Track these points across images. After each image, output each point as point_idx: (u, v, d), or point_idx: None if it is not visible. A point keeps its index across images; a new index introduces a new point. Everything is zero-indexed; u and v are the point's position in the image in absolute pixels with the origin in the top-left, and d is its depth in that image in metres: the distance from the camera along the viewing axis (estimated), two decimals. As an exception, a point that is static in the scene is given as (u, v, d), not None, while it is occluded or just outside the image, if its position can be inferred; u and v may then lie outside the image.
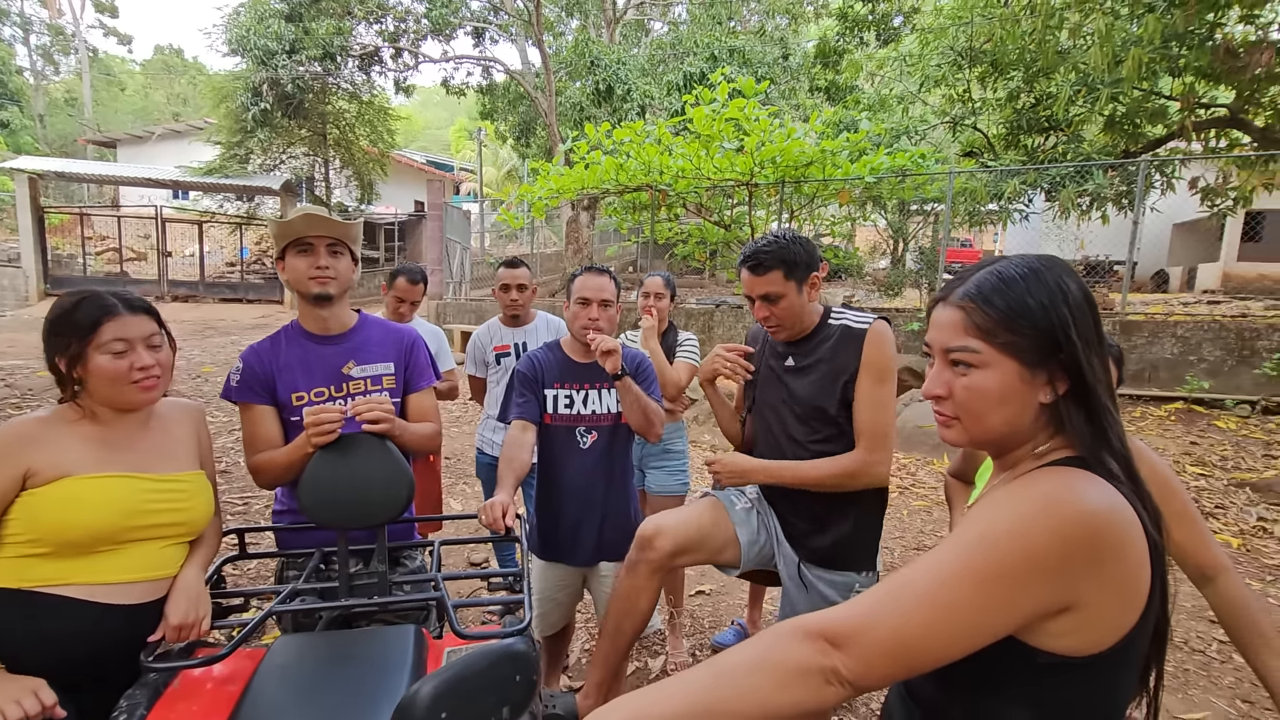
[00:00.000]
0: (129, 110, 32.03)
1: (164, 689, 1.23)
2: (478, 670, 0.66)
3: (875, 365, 1.64)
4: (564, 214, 14.41)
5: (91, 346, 1.30)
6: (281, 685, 1.23)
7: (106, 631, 1.29)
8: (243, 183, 15.02)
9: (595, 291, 2.03)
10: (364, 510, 1.51)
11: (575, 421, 2.07)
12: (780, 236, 1.66)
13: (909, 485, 5.06)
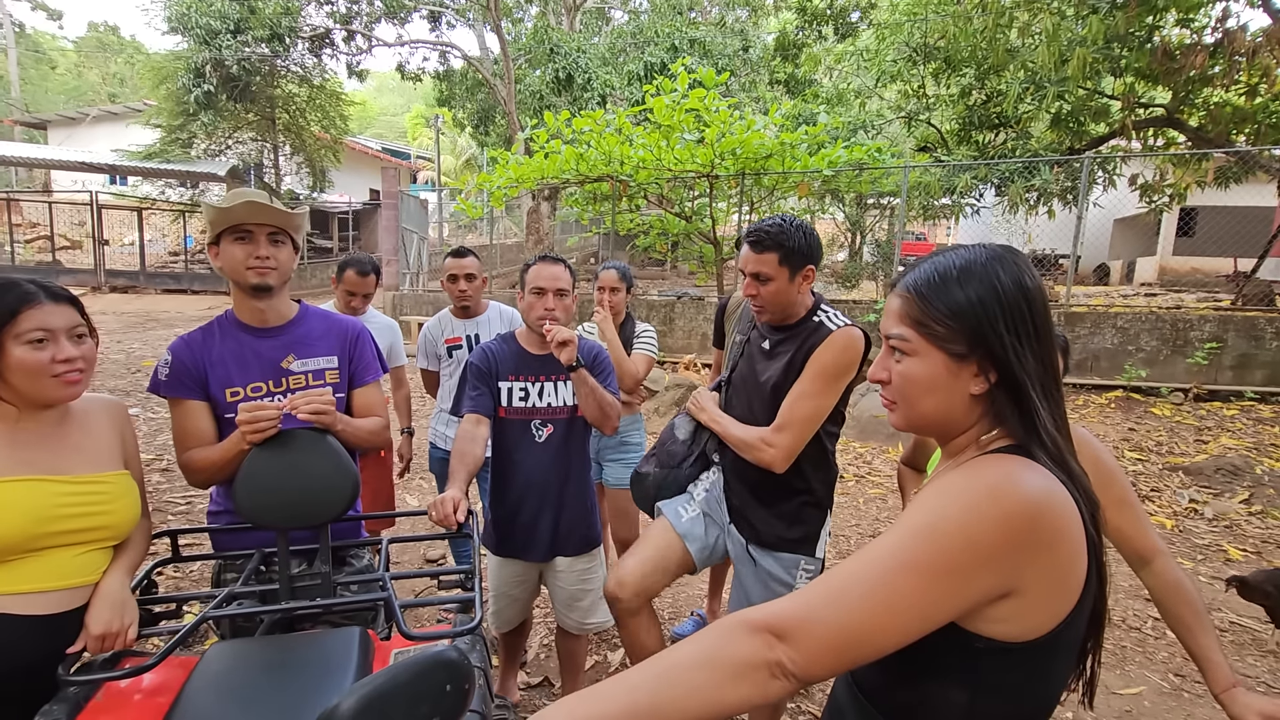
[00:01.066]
0: (60, 90, 30.32)
1: (85, 703, 1.16)
2: (405, 680, 0.63)
3: (819, 363, 1.66)
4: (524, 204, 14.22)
5: (9, 336, 1.21)
6: (215, 694, 1.16)
7: (19, 644, 1.20)
8: (186, 168, 14.36)
9: (550, 281, 1.98)
10: (305, 509, 1.45)
11: (531, 415, 2.03)
12: (786, 221, 1.69)
13: (865, 474, 5.15)
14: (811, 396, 1.66)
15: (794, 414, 1.66)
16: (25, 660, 1.20)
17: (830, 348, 1.65)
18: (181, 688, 1.18)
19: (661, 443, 2.00)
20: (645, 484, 1.99)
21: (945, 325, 0.78)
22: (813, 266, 1.71)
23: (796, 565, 1.79)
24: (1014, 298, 0.77)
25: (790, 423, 1.66)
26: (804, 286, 1.72)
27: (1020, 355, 0.76)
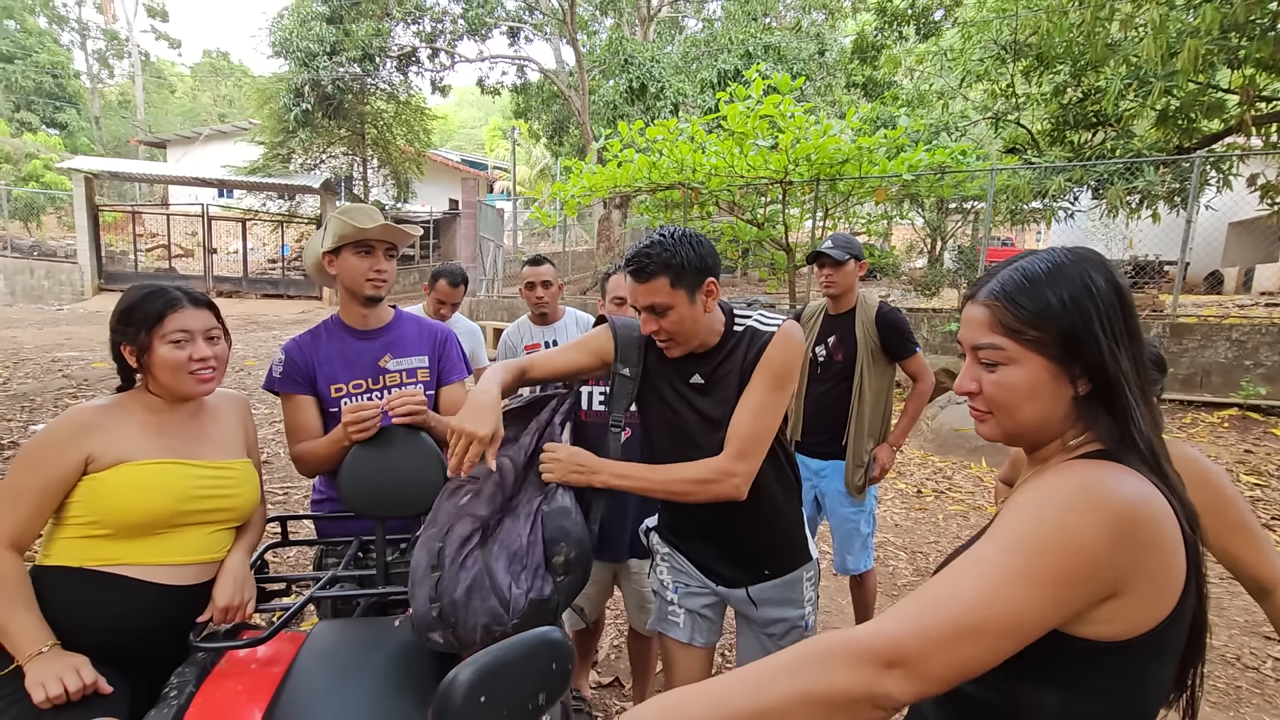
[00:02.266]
0: (178, 112, 33.16)
1: (211, 668, 1.27)
2: (515, 656, 0.67)
3: (772, 367, 1.42)
4: (596, 212, 14.48)
5: (156, 336, 1.36)
6: (322, 669, 1.26)
7: (159, 611, 1.34)
8: (284, 181, 15.42)
9: (631, 291, 2.03)
10: (400, 500, 1.54)
11: (608, 417, 2.08)
12: (667, 235, 1.39)
13: (945, 489, 4.95)
14: (769, 408, 1.42)
15: (754, 430, 1.40)
16: (164, 624, 1.33)
17: (780, 347, 1.43)
18: (292, 660, 1.28)
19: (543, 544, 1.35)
20: (550, 606, 1.30)
21: (1042, 329, 0.77)
22: (713, 279, 1.43)
23: (799, 580, 1.58)
24: (1109, 298, 0.76)
25: (753, 441, 1.40)
26: (709, 304, 1.44)
27: (1116, 356, 0.76)
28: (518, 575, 1.25)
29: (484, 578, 1.24)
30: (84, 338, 9.74)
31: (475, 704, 0.63)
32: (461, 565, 1.25)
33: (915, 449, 5.79)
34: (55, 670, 1.18)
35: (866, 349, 2.47)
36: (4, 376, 6.79)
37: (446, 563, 1.25)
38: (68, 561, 1.30)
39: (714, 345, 1.50)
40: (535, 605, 1.23)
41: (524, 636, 0.69)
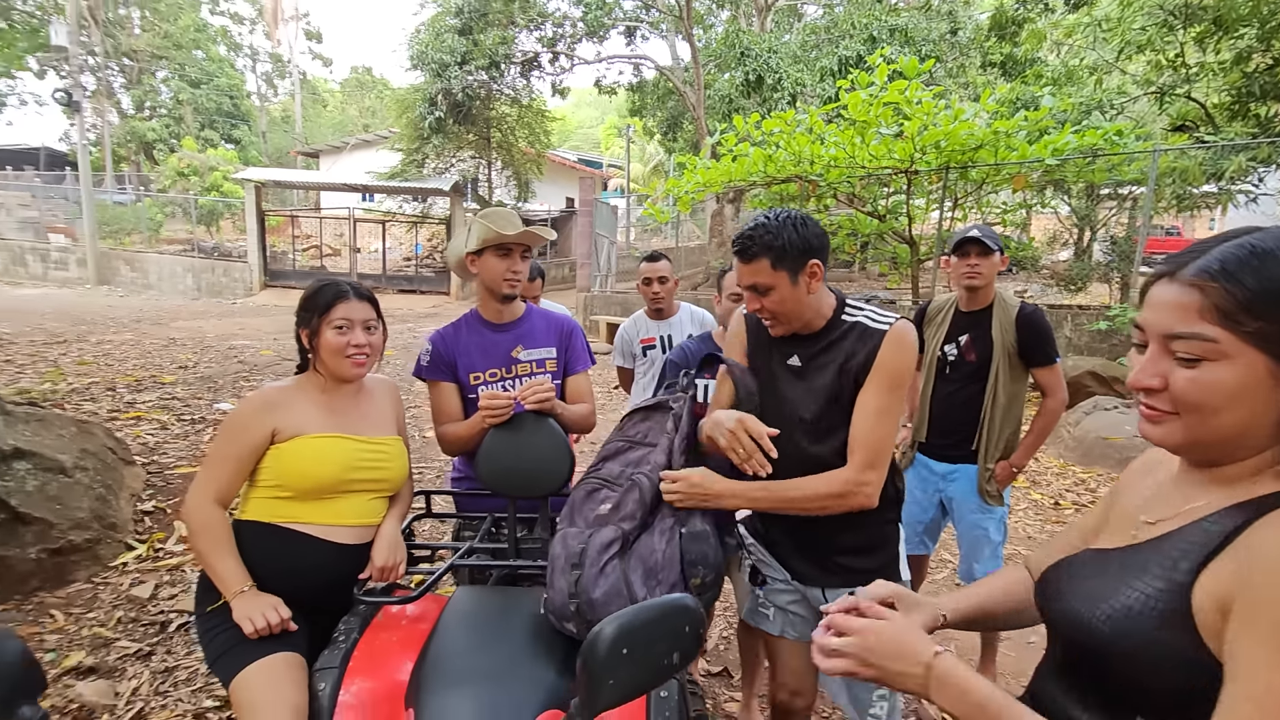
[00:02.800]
0: (329, 124, 36.62)
1: (370, 620, 1.43)
2: (653, 617, 0.73)
3: (888, 370, 1.40)
4: (708, 207, 14.44)
5: (324, 322, 1.55)
6: (464, 628, 1.38)
7: (327, 564, 1.52)
8: (418, 185, 16.62)
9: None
10: (532, 481, 1.65)
11: None
12: (772, 218, 1.42)
13: (1087, 502, 4.53)
14: (889, 411, 1.40)
15: (879, 436, 1.39)
16: (331, 576, 1.52)
17: (895, 349, 1.40)
18: (437, 619, 1.41)
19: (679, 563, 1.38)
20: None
21: (1272, 319, 0.63)
22: (817, 261, 1.42)
23: None
24: None
25: (879, 449, 1.40)
26: (813, 285, 1.44)
27: None
28: (653, 589, 1.31)
29: (621, 586, 1.30)
30: (254, 328, 11.03)
31: (618, 655, 0.70)
32: (601, 571, 1.32)
33: (1053, 457, 5.34)
34: (259, 607, 1.39)
35: (1003, 350, 2.31)
36: (194, 360, 7.85)
37: (587, 564, 1.33)
38: (259, 517, 1.51)
39: (818, 330, 1.49)
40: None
41: (660, 600, 0.75)
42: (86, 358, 7.57)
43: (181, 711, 2.28)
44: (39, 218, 18.77)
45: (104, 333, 9.54)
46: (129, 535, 3.35)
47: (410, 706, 1.19)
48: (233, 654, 1.37)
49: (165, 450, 4.59)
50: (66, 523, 2.96)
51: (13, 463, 2.92)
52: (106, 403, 5.65)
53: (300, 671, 1.38)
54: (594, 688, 0.71)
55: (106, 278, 17.13)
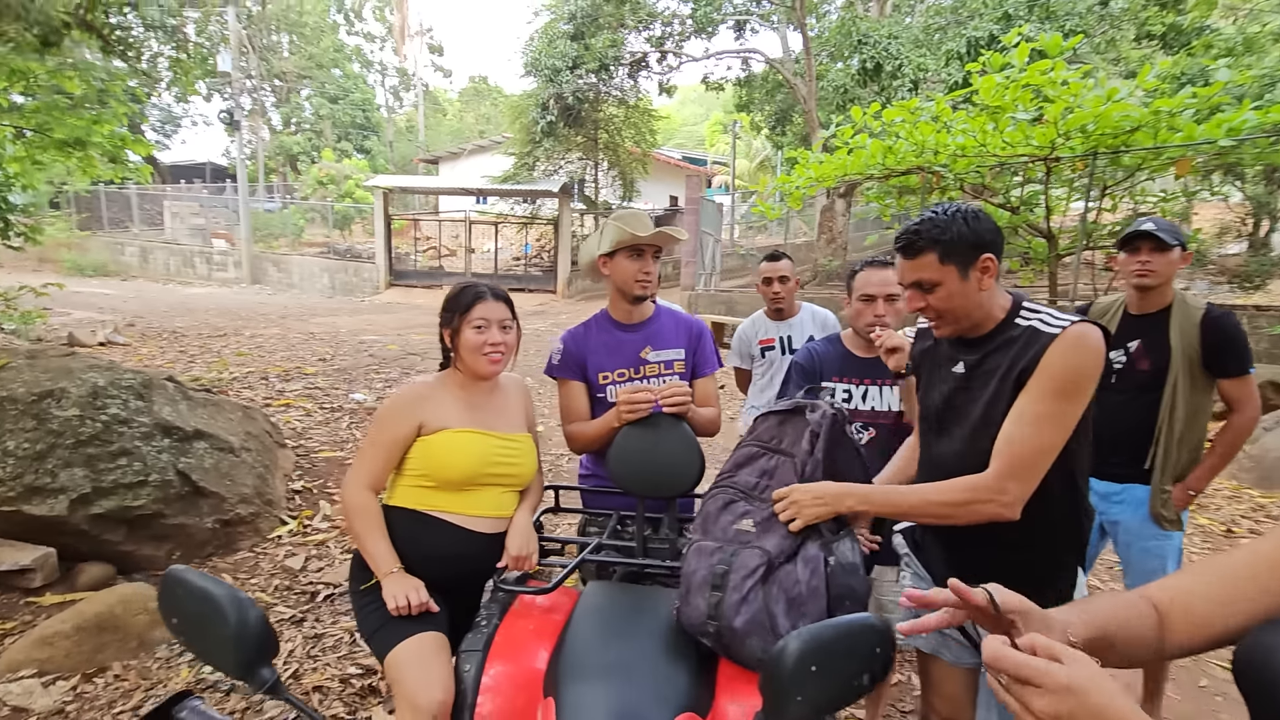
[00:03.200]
0: (448, 132, 38.77)
1: (508, 608, 1.48)
2: (843, 635, 0.70)
3: (1052, 372, 1.25)
4: (818, 203, 13.98)
5: (465, 322, 1.62)
6: (598, 623, 1.39)
7: (467, 551, 1.60)
8: (529, 187, 17.25)
9: (880, 286, 1.94)
10: (663, 481, 1.65)
11: (853, 418, 2.01)
12: (940, 211, 1.34)
13: (1265, 532, 3.97)
14: (1049, 420, 1.25)
15: (1030, 445, 1.25)
16: (468, 563, 1.60)
17: (1067, 351, 1.25)
18: (571, 611, 1.44)
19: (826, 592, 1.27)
20: None
21: None
22: (991, 256, 1.33)
23: None
24: None
25: (1027, 459, 1.25)
26: (985, 282, 1.34)
27: None
28: (796, 622, 1.24)
29: (763, 617, 1.24)
30: (380, 324, 11.88)
31: (805, 671, 0.67)
32: (744, 598, 1.26)
33: (1226, 479, 4.73)
34: (404, 588, 1.47)
35: (1183, 358, 2.04)
36: (330, 354, 8.55)
37: (729, 588, 1.28)
38: (406, 504, 1.61)
39: (987, 333, 1.38)
40: None
41: (851, 619, 0.71)
42: (243, 349, 8.45)
43: (330, 675, 2.47)
44: (205, 225, 21.17)
45: (256, 327, 10.61)
46: (283, 511, 3.69)
47: (550, 695, 1.22)
48: (386, 630, 1.46)
49: (310, 435, 5.02)
50: (235, 497, 3.30)
51: (194, 442, 3.29)
52: (261, 390, 6.27)
53: (446, 650, 1.46)
54: (780, 701, 0.70)
55: (258, 277, 19.07)
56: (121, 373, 3.23)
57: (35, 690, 2.23)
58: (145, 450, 3.03)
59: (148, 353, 8.00)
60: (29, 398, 2.84)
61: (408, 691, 1.35)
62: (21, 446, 2.75)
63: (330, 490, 4.08)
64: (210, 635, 0.81)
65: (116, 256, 19.86)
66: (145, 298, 14.37)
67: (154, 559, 3.03)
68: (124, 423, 3.02)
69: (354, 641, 2.66)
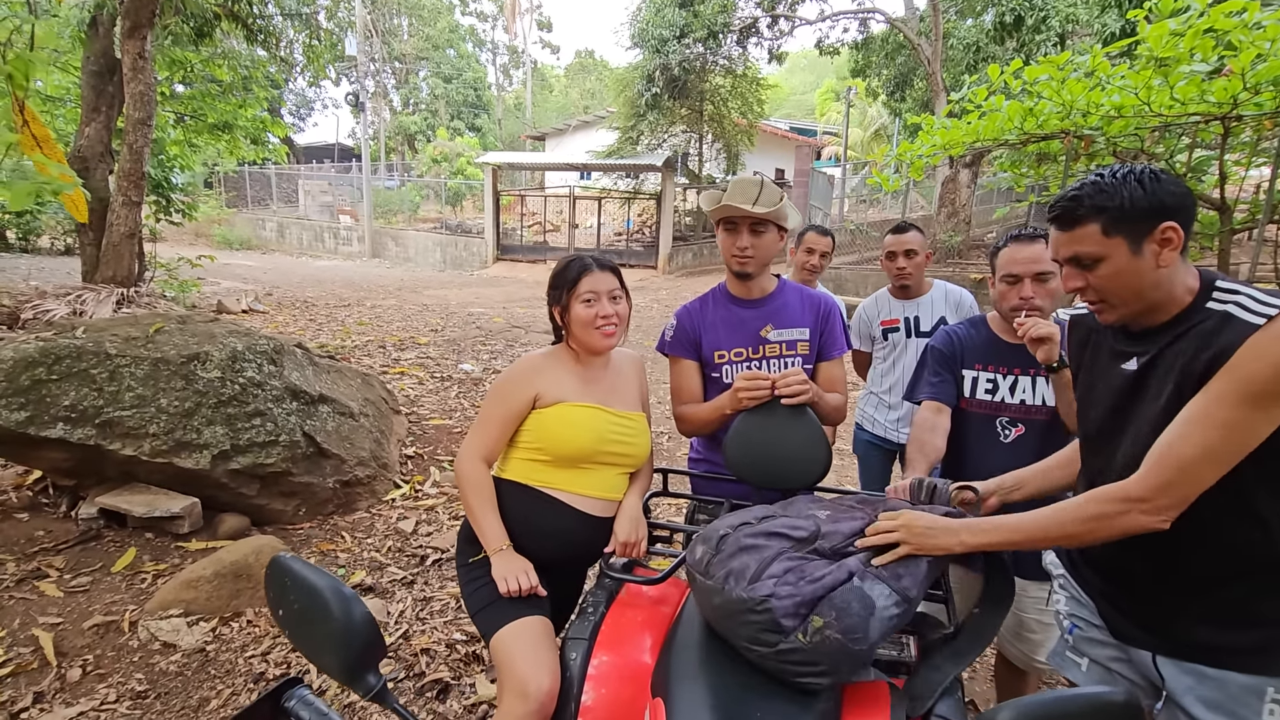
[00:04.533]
0: (554, 108, 39.40)
1: (615, 595, 1.41)
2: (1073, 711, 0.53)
3: (1244, 369, 0.99)
4: (939, 174, 13.00)
5: (573, 297, 1.54)
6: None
7: (576, 531, 1.55)
8: (632, 162, 17.17)
9: (1027, 264, 1.68)
10: (784, 472, 1.51)
11: (998, 411, 1.78)
12: (1108, 173, 1.11)
13: None
14: (1225, 425, 0.99)
15: (1186, 452, 1.02)
16: (577, 543, 1.55)
17: (1269, 342, 0.98)
18: (681, 605, 1.35)
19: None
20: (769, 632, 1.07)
21: None
22: (1174, 225, 1.07)
23: (1260, 695, 1.07)
24: None
25: (1180, 467, 1.03)
26: (1166, 257, 1.08)
27: None
28: (784, 584, 1.09)
29: (763, 555, 1.14)
30: (488, 298, 12.30)
31: None
32: (746, 548, 1.17)
33: None
34: (514, 569, 1.44)
35: None
36: (441, 325, 8.94)
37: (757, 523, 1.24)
38: (518, 478, 1.57)
39: (1167, 320, 1.13)
40: (761, 612, 1.06)
41: (1084, 694, 0.54)
42: (364, 319, 9.00)
43: (437, 639, 2.54)
44: (333, 202, 22.76)
45: (376, 299, 11.28)
46: (396, 475, 3.86)
47: (659, 695, 1.14)
48: (493, 610, 1.44)
49: (421, 403, 5.25)
50: (354, 459, 3.48)
51: (319, 406, 3.48)
52: (379, 358, 6.63)
53: (552, 636, 1.43)
54: None
55: (378, 251, 20.31)
56: (257, 338, 3.46)
57: (181, 629, 2.44)
58: (276, 412, 3.23)
59: (282, 320, 8.68)
60: (179, 359, 3.09)
61: (517, 677, 1.32)
62: (173, 404, 3.00)
63: (440, 457, 4.24)
64: (316, 632, 0.77)
65: (258, 231, 21.78)
66: (281, 269, 15.68)
67: (283, 513, 3.25)
68: (259, 385, 3.23)
69: (459, 608, 2.73)
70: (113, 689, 2.19)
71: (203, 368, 3.12)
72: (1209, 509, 1.07)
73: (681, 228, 18.26)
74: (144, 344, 3.12)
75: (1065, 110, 6.33)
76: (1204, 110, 5.80)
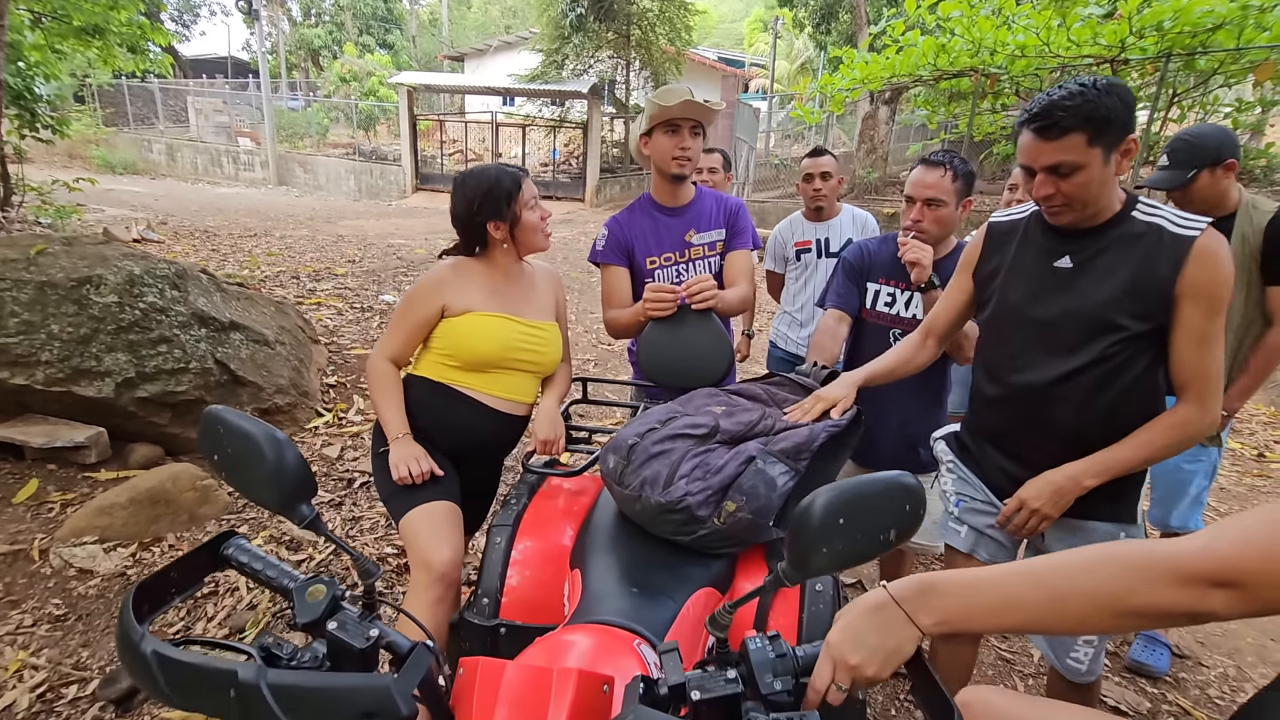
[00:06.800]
0: (473, 26, 36.95)
1: (536, 489, 1.53)
2: (875, 491, 0.72)
3: (1207, 293, 1.22)
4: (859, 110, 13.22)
5: (519, 205, 1.60)
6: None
7: (484, 425, 1.67)
8: (557, 87, 16.53)
9: (921, 189, 1.83)
10: (691, 374, 1.65)
11: (893, 323, 1.96)
12: (1089, 84, 1.21)
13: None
14: (1217, 335, 1.25)
15: (1212, 365, 1.25)
16: (485, 436, 1.69)
17: (1210, 265, 1.22)
18: (598, 495, 1.48)
19: None
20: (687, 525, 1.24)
21: None
22: (1134, 137, 1.24)
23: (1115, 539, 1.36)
24: None
25: (1215, 378, 1.26)
26: (1124, 166, 1.26)
27: None
28: (694, 481, 1.23)
29: (672, 458, 1.27)
30: (408, 229, 11.82)
31: (834, 524, 0.68)
32: (655, 456, 1.29)
33: (1262, 403, 4.61)
34: (405, 456, 1.55)
35: (1243, 265, 1.94)
36: (359, 256, 8.57)
37: (661, 426, 1.35)
38: (429, 375, 1.67)
39: (1100, 224, 1.31)
40: (679, 511, 1.21)
41: (884, 476, 0.72)
42: (273, 250, 8.50)
43: (368, 554, 2.62)
44: (229, 123, 20.86)
45: (285, 229, 10.63)
46: (318, 403, 3.81)
47: (576, 567, 1.27)
48: (400, 496, 1.56)
49: (341, 333, 5.11)
50: (272, 387, 3.41)
51: (230, 333, 3.37)
52: (293, 289, 6.35)
53: (456, 517, 1.56)
54: (805, 553, 0.71)
55: (285, 179, 18.94)
56: (156, 262, 3.27)
57: (98, 555, 2.40)
58: (184, 338, 3.11)
59: (181, 250, 8.10)
60: (68, 283, 2.90)
61: (421, 552, 1.45)
62: (65, 330, 2.84)
63: (363, 386, 4.20)
64: (250, 473, 0.83)
65: (144, 154, 19.80)
66: (175, 196, 14.42)
67: (198, 442, 3.17)
68: (161, 311, 3.09)
69: (389, 524, 2.80)
70: (28, 614, 2.17)
71: (96, 292, 2.94)
72: (1125, 403, 1.32)
73: (609, 159, 17.91)
74: (25, 267, 2.90)
75: (975, 48, 6.60)
76: (1096, 52, 6.19)
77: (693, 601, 1.16)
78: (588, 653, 0.87)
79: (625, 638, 0.96)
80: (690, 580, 1.20)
